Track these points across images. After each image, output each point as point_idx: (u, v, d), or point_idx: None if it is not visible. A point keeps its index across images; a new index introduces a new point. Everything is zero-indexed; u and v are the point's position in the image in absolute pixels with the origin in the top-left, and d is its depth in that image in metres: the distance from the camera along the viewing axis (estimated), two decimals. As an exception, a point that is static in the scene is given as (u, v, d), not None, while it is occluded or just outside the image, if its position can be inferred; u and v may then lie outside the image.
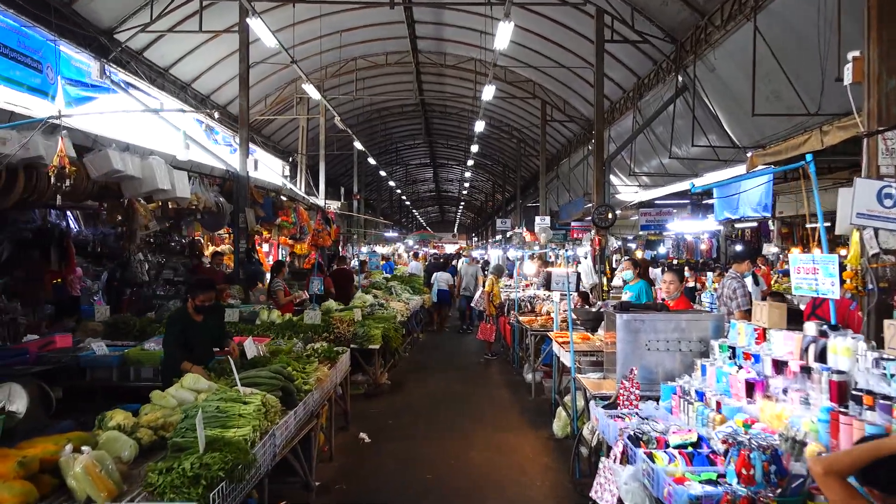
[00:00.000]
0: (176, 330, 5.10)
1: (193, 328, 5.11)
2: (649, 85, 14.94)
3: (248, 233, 12.17)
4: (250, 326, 8.37)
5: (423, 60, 20.69)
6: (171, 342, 5.09)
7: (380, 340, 8.21)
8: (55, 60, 11.12)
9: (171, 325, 5.19)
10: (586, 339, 6.28)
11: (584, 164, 21.36)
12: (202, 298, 5.16)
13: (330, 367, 5.58)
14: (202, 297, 5.16)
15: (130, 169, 8.06)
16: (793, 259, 4.03)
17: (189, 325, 5.11)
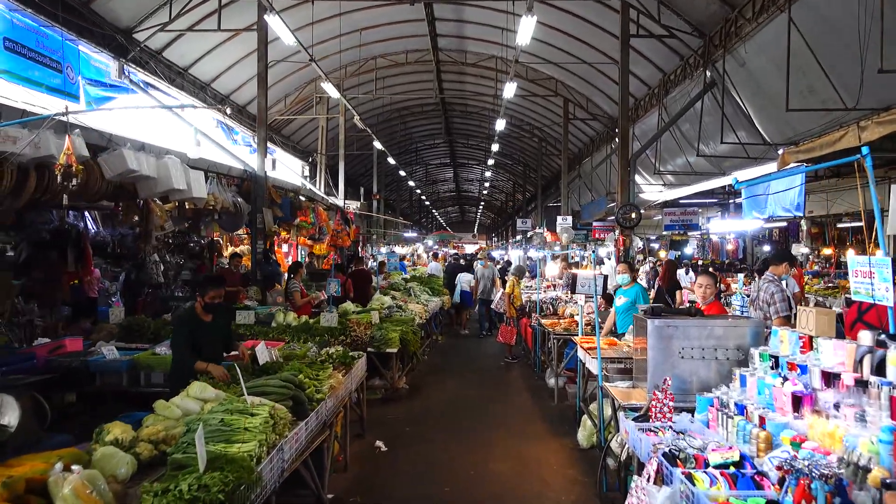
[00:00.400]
0: (185, 331, 4.93)
1: (202, 328, 4.93)
2: (675, 81, 14.53)
3: (265, 233, 12.04)
4: (266, 329, 8.20)
5: (443, 59, 20.45)
6: (179, 344, 4.91)
7: (397, 344, 7.98)
8: (75, 60, 11.08)
9: (180, 326, 5.02)
10: (613, 345, 5.98)
11: (606, 162, 20.95)
12: (212, 295, 4.97)
13: (345, 373, 5.36)
14: (212, 294, 4.97)
15: (145, 169, 7.94)
16: (851, 262, 3.71)
17: (198, 326, 4.93)
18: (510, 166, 39.29)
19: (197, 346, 4.86)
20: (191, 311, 5.08)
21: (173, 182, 8.28)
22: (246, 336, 7.94)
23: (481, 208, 64.51)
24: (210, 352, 4.92)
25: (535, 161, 32.14)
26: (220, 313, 5.10)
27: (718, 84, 12.08)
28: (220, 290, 5.02)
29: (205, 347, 4.90)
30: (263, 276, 12.08)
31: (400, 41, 19.19)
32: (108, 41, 11.65)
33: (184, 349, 4.84)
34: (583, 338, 6.45)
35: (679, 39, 12.78)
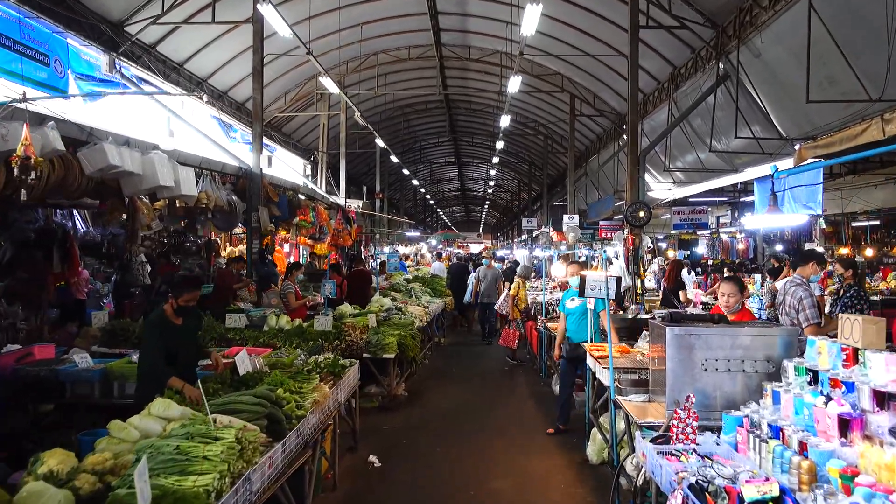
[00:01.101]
0: (155, 335, 4.50)
1: (173, 333, 4.51)
2: (686, 75, 14.03)
3: (261, 232, 11.63)
4: (257, 333, 7.79)
5: (446, 54, 20.00)
6: (151, 350, 4.48)
7: (395, 349, 7.54)
8: (64, 54, 10.69)
9: (151, 330, 4.58)
10: (625, 353, 5.51)
11: (614, 160, 20.45)
12: (187, 298, 4.56)
13: (333, 384, 4.91)
14: (187, 297, 4.56)
15: (129, 164, 7.52)
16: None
17: (168, 329, 4.51)
18: (515, 164, 38.81)
19: (170, 354, 4.43)
20: (161, 314, 4.64)
21: (160, 179, 7.87)
22: (234, 341, 7.55)
23: (486, 208, 64.03)
24: (185, 358, 4.50)
25: (541, 159, 31.63)
26: (190, 317, 4.66)
27: (732, 76, 11.58)
28: (196, 294, 4.60)
29: (179, 353, 4.48)
30: (259, 276, 11.67)
31: (402, 36, 18.75)
32: (98, 34, 11.24)
33: (157, 358, 4.41)
34: (592, 345, 5.99)
35: (690, 30, 12.29)
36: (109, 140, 7.19)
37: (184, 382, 4.31)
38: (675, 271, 10.81)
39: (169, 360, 4.44)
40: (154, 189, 8.03)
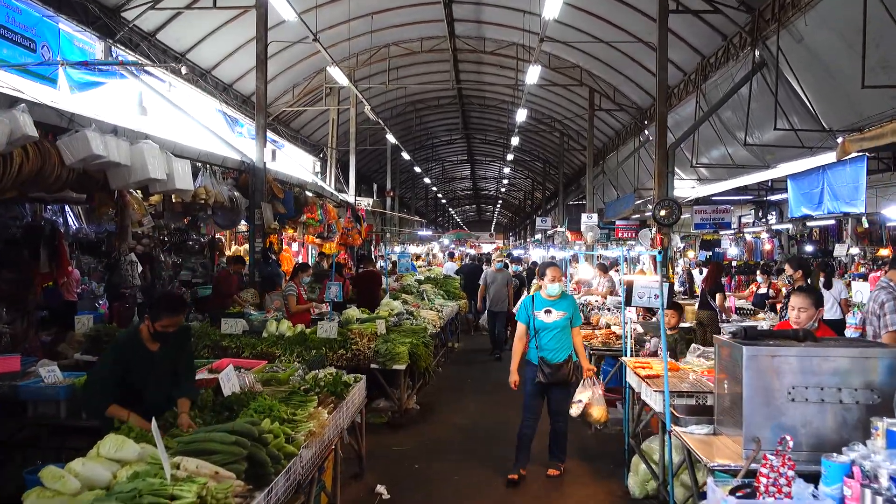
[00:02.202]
0: (112, 358, 3.73)
1: (145, 359, 3.76)
2: (716, 65, 13.19)
3: (264, 231, 10.95)
4: (255, 340, 7.09)
5: (460, 46, 19.24)
6: (102, 371, 3.72)
7: (406, 359, 6.81)
8: (54, 40, 10.07)
9: (112, 351, 3.81)
10: (675, 370, 4.74)
11: (634, 157, 19.62)
12: (165, 324, 3.79)
13: (334, 406, 4.18)
14: (165, 322, 3.78)
15: (116, 155, 6.83)
16: None
17: (138, 355, 3.76)
18: (529, 163, 37.99)
19: (135, 383, 3.68)
20: (133, 335, 3.87)
21: (150, 171, 7.18)
22: (229, 349, 6.85)
23: (499, 207, 63.22)
24: (154, 392, 3.74)
25: (556, 157, 30.81)
26: (171, 342, 3.89)
27: (770, 64, 10.74)
28: (177, 319, 3.82)
29: (148, 385, 3.73)
30: (262, 277, 10.99)
31: (414, 27, 18.01)
32: (91, 18, 10.60)
33: (103, 379, 3.66)
34: (637, 361, 5.20)
35: (724, 15, 11.46)
36: (92, 127, 6.52)
37: (129, 412, 3.58)
38: (716, 273, 10.04)
39: (133, 394, 3.69)
40: (144, 182, 7.34)
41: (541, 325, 5.58)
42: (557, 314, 5.54)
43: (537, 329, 5.58)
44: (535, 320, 5.60)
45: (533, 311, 5.64)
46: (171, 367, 3.85)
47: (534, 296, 5.79)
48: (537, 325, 5.59)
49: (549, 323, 5.55)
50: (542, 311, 5.59)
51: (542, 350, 5.55)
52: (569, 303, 5.75)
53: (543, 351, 5.54)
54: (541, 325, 5.58)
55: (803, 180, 13.12)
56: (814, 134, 10.77)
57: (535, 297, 5.75)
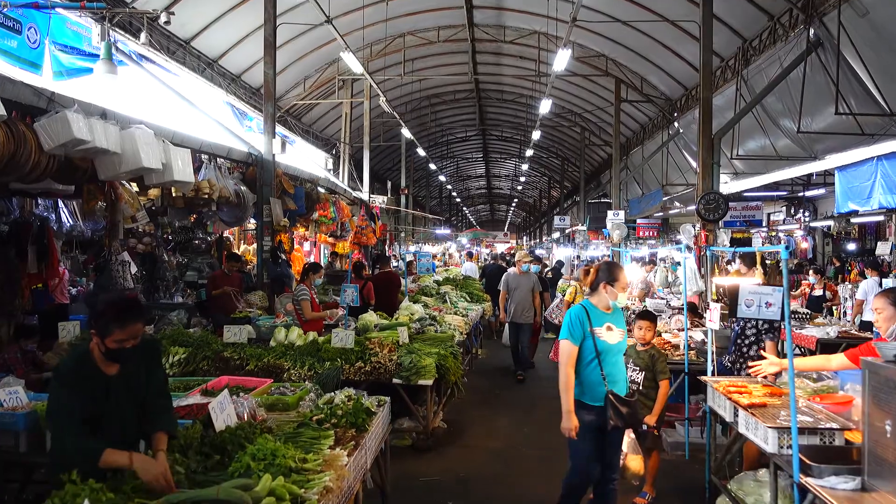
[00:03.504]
0: (64, 395, 2.79)
1: (99, 389, 2.84)
2: (759, 48, 12.22)
3: (273, 228, 10.13)
4: (261, 350, 6.23)
5: (479, 36, 18.34)
6: (61, 416, 2.79)
7: (433, 373, 5.93)
8: (43, 21, 9.27)
9: (60, 385, 2.85)
10: (777, 395, 3.82)
11: (662, 151, 18.62)
12: (118, 338, 2.81)
13: (355, 445, 3.31)
14: (118, 337, 2.81)
15: (103, 140, 6.01)
16: None
17: (91, 383, 2.83)
18: (545, 159, 37.01)
19: (87, 418, 2.80)
20: (82, 356, 2.90)
21: (143, 160, 6.38)
22: (231, 362, 6.00)
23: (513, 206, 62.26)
24: (113, 429, 2.85)
25: (576, 153, 29.83)
26: (133, 362, 2.98)
27: (827, 43, 9.78)
28: (137, 328, 2.89)
29: (104, 422, 2.83)
30: (271, 278, 10.17)
31: (431, 15, 17.14)
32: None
33: (69, 423, 2.76)
34: (732, 384, 4.25)
35: (773, -10, 10.51)
36: (75, 108, 5.72)
37: (129, 453, 2.72)
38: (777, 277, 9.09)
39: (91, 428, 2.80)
40: (137, 172, 6.54)
41: (605, 346, 4.00)
42: (619, 332, 4.10)
43: (600, 352, 4.00)
44: (597, 340, 4.00)
45: (591, 326, 4.01)
46: (135, 395, 2.95)
47: (585, 306, 4.10)
48: (600, 346, 4.00)
49: (613, 344, 4.04)
50: (603, 327, 4.04)
51: (610, 381, 3.99)
52: (622, 317, 4.29)
53: (612, 383, 4.01)
54: (605, 347, 4.00)
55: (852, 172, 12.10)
56: (873, 119, 9.81)
57: (588, 309, 4.08)
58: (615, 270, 4.11)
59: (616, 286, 4.04)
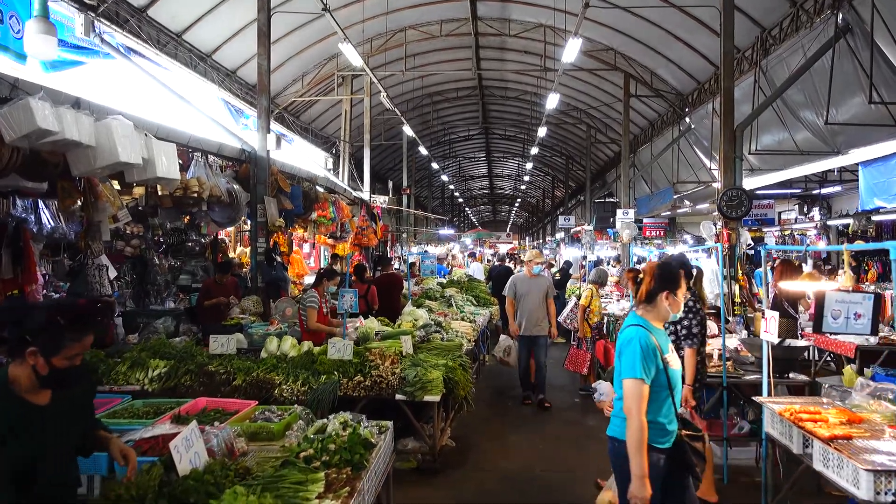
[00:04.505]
0: None
1: (32, 422, 2.28)
2: (780, 37, 11.61)
3: (267, 229, 9.55)
4: (249, 363, 5.65)
5: (483, 30, 17.74)
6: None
7: (440, 388, 5.34)
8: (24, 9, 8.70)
9: None
10: (856, 421, 3.21)
11: (673, 148, 18.01)
12: (74, 352, 2.33)
13: (350, 493, 2.71)
14: (75, 350, 2.33)
15: (74, 132, 5.44)
16: None
17: (20, 417, 2.27)
18: (549, 158, 36.39)
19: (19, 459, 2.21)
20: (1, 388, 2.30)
21: (120, 154, 5.80)
22: (217, 376, 5.41)
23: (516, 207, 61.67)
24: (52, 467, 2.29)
25: (580, 151, 29.23)
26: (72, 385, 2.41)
27: (857, 28, 9.17)
28: (86, 343, 2.36)
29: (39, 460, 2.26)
30: (265, 282, 9.59)
31: (433, 8, 16.56)
32: (70, -13, 9.26)
33: None
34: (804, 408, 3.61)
35: (797, -25, 9.91)
36: (40, 95, 5.14)
37: None
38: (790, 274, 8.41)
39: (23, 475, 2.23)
40: (114, 167, 5.97)
41: (675, 377, 3.19)
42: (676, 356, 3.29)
43: (673, 385, 3.17)
44: (669, 371, 3.15)
45: (662, 354, 3.13)
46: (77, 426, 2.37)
47: (645, 327, 3.17)
48: (672, 377, 3.17)
49: (678, 371, 3.24)
50: (669, 351, 3.21)
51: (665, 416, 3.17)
52: None
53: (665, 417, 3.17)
54: (675, 378, 3.20)
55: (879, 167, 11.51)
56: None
57: (650, 331, 3.16)
58: (677, 275, 3.21)
59: (679, 295, 3.19)
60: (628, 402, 3.02)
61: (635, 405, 2.99)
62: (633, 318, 3.24)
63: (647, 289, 3.22)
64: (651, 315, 3.21)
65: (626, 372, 3.05)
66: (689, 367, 4.73)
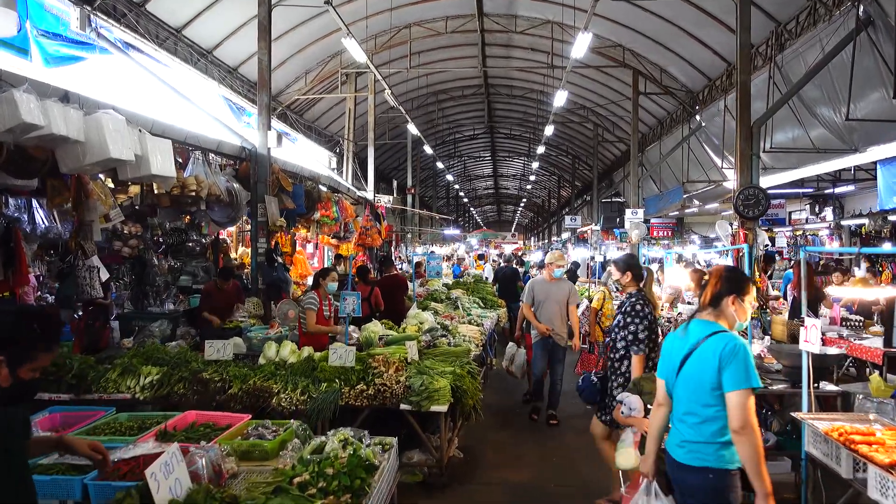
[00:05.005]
0: None
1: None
2: (796, 31, 11.27)
3: (268, 228, 9.28)
4: (246, 370, 5.36)
5: (489, 27, 17.43)
6: None
7: (448, 397, 5.03)
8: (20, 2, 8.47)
9: None
10: (909, 444, 2.91)
11: (682, 147, 17.66)
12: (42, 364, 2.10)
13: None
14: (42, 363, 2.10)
15: (61, 126, 5.16)
16: None
17: None
18: (555, 158, 36.05)
19: None
20: None
21: (110, 150, 5.53)
22: (212, 386, 5.12)
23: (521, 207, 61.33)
24: None
25: (587, 150, 28.89)
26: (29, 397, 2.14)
27: (880, 21, 8.83)
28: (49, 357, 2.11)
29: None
30: (266, 283, 9.31)
31: (438, 4, 16.27)
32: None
33: None
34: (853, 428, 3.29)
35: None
36: (25, 87, 4.87)
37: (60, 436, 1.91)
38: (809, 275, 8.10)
39: None
40: (105, 164, 5.70)
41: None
42: None
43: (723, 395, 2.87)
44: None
45: None
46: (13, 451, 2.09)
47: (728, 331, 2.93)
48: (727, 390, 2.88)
49: None
50: None
51: None
52: None
53: None
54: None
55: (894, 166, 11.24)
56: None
57: None
58: (746, 280, 2.96)
59: (746, 302, 2.89)
60: (748, 416, 2.62)
61: (754, 418, 2.64)
62: (710, 325, 2.85)
63: (712, 291, 2.90)
64: (720, 322, 2.88)
65: (742, 382, 2.66)
66: (635, 374, 4.45)
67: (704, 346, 2.79)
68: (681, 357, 2.86)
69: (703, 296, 2.94)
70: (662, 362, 3.06)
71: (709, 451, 2.73)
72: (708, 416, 2.72)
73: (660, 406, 3.05)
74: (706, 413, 2.72)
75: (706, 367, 2.74)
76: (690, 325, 2.94)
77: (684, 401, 2.82)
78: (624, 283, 4.95)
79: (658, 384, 3.07)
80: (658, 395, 3.07)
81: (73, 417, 3.60)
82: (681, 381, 2.85)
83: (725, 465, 2.72)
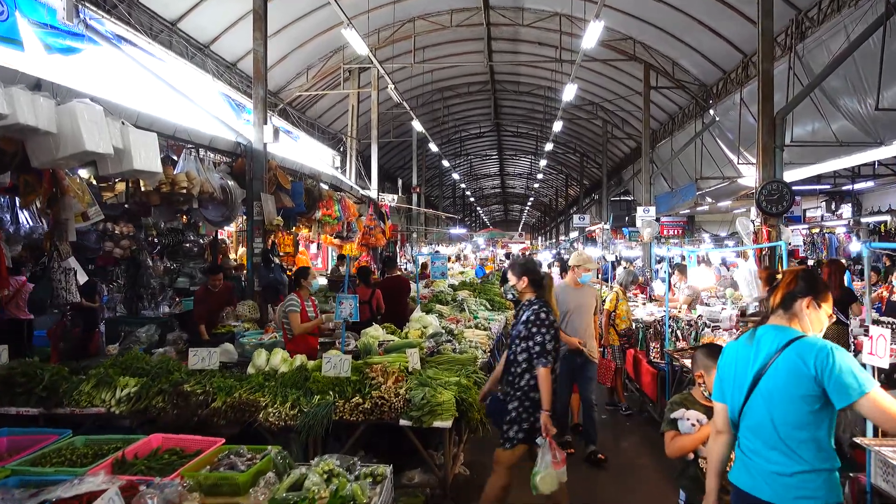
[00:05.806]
0: None
1: None
2: (818, 18, 10.74)
3: (264, 228, 8.83)
4: (231, 381, 4.91)
5: (495, 20, 16.96)
6: None
7: (452, 411, 4.56)
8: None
9: None
10: None
11: (695, 142, 17.12)
12: None
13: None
14: None
15: (30, 116, 4.73)
16: None
17: None
18: (563, 155, 35.50)
19: None
20: None
21: (85, 142, 5.09)
22: (193, 399, 4.66)
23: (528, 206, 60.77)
24: None
25: (596, 147, 28.35)
26: None
27: (912, 2, 8.30)
28: None
29: None
30: (263, 286, 8.87)
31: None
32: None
33: None
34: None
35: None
36: (-12, 73, 4.45)
37: None
38: (838, 275, 7.59)
39: None
40: (80, 157, 5.27)
41: None
42: None
43: None
44: None
45: None
46: None
47: None
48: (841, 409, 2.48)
49: None
50: None
51: None
52: None
53: None
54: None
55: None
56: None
57: None
58: (825, 284, 2.54)
59: (822, 308, 2.47)
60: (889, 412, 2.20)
61: None
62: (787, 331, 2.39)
63: (785, 291, 2.45)
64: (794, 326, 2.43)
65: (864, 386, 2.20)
66: (543, 389, 3.98)
67: (786, 355, 2.32)
68: (753, 372, 2.40)
69: (773, 296, 2.45)
70: (722, 381, 2.57)
71: (817, 484, 2.28)
72: (802, 439, 2.28)
73: (719, 433, 2.58)
74: (800, 436, 2.27)
75: (796, 381, 2.28)
76: (759, 333, 2.47)
77: (767, 424, 2.35)
78: (520, 290, 4.38)
79: (717, 409, 2.59)
80: (717, 421, 2.59)
81: (24, 441, 3.15)
82: (757, 400, 2.37)
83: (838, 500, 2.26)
